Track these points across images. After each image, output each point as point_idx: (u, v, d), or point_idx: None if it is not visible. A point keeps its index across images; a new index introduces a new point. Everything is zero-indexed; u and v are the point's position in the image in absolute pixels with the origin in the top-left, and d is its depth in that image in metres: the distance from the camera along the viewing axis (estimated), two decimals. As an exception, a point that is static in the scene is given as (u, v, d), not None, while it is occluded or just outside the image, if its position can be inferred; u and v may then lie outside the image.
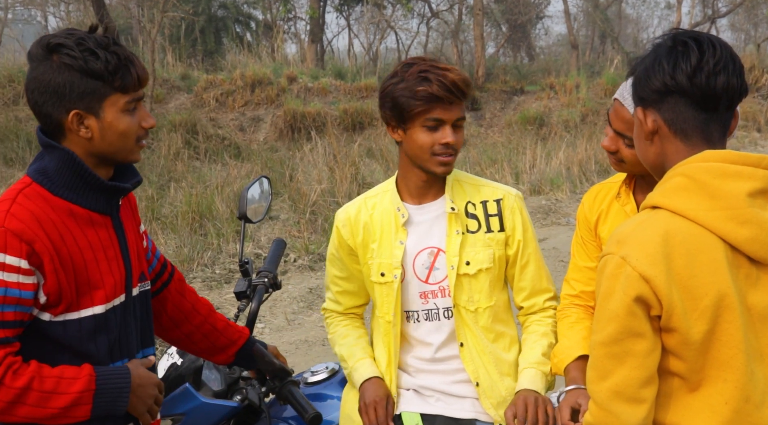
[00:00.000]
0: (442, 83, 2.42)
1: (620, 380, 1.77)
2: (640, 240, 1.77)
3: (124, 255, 2.19)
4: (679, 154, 1.86)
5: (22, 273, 1.95)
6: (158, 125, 15.02)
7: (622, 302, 1.75)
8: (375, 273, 2.62)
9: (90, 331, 2.08)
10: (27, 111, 15.66)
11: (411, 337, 2.64)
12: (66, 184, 2.06)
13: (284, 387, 2.57)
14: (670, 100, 1.84)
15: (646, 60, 1.89)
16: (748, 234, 1.75)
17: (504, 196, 2.64)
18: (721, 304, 1.75)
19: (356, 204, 2.71)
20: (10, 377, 1.93)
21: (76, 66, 2.00)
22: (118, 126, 2.07)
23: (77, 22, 22.67)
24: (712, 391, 1.79)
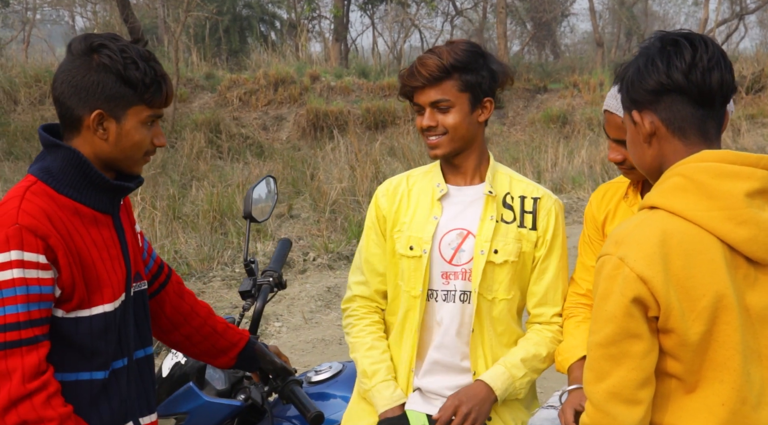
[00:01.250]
0: (411, 70, 2.52)
1: (617, 381, 1.76)
2: (638, 241, 1.75)
3: (125, 254, 2.21)
4: (677, 154, 1.84)
5: (41, 268, 1.96)
6: (182, 124, 15.13)
7: (620, 303, 1.73)
8: (404, 246, 2.60)
9: (100, 329, 2.10)
10: (53, 110, 15.60)
11: (425, 316, 2.62)
12: (71, 182, 2.07)
13: (287, 387, 2.57)
14: (666, 99, 1.82)
15: (636, 63, 1.87)
16: (746, 235, 1.74)
17: (543, 196, 2.64)
18: (718, 305, 1.73)
19: (398, 178, 2.75)
20: (42, 401, 1.93)
21: (113, 69, 2.04)
22: (134, 136, 2.11)
23: (104, 23, 22.85)
24: (709, 392, 1.77)
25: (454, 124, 2.51)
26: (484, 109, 2.56)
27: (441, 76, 2.48)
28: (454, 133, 2.52)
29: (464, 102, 2.51)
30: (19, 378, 1.92)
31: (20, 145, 13.58)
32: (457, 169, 2.63)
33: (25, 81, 16.57)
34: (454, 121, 2.51)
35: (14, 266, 1.94)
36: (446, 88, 2.49)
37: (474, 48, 2.54)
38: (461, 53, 2.49)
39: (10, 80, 16.51)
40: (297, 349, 6.32)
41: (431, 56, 2.49)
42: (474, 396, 2.46)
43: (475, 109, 2.54)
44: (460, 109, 2.51)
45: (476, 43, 2.59)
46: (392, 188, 2.71)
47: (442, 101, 2.50)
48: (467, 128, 2.53)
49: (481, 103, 2.55)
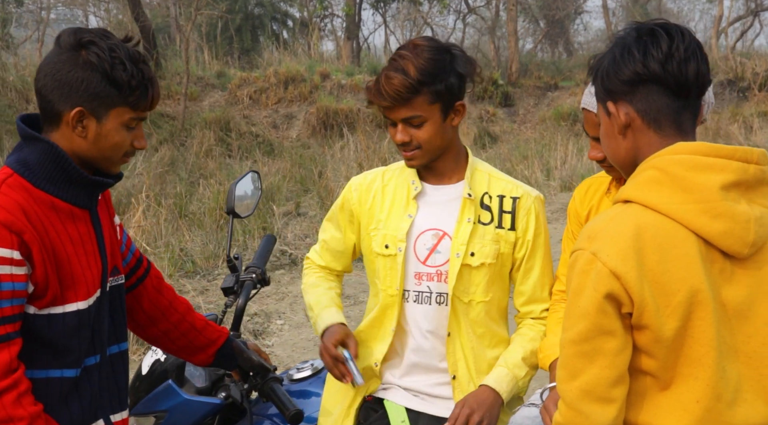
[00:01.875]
0: (378, 88, 2.42)
1: (590, 379, 1.72)
2: (611, 236, 1.72)
3: (101, 249, 2.18)
4: (652, 146, 1.80)
5: (15, 264, 1.93)
6: (191, 122, 15.15)
7: (593, 299, 1.70)
8: (379, 244, 2.58)
9: (74, 327, 2.07)
10: (64, 109, 15.88)
11: (401, 317, 2.60)
12: (48, 176, 2.04)
13: (266, 384, 2.54)
14: (642, 89, 1.79)
15: (611, 53, 1.83)
16: (721, 228, 1.70)
17: (522, 196, 2.58)
18: (693, 300, 1.70)
19: (373, 173, 2.70)
20: (12, 399, 1.91)
21: (100, 67, 2.00)
22: (114, 137, 2.07)
23: (116, 22, 22.94)
24: (684, 389, 1.74)
25: (428, 138, 2.44)
26: (457, 113, 2.49)
27: (409, 95, 2.38)
28: (429, 146, 2.46)
29: (436, 113, 2.43)
30: None
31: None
32: (434, 170, 2.59)
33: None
34: (428, 135, 2.44)
35: None
36: (416, 104, 2.40)
37: (439, 53, 2.43)
38: (426, 63, 2.39)
39: (23, 79, 16.56)
40: (299, 347, 6.31)
41: (396, 74, 2.38)
42: (483, 402, 2.43)
43: (447, 116, 2.46)
44: (433, 122, 2.43)
45: (438, 41, 2.49)
46: (366, 183, 2.67)
47: (414, 118, 2.41)
48: (442, 138, 2.47)
49: (453, 108, 2.47)
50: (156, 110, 15.65)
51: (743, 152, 1.75)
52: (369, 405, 2.62)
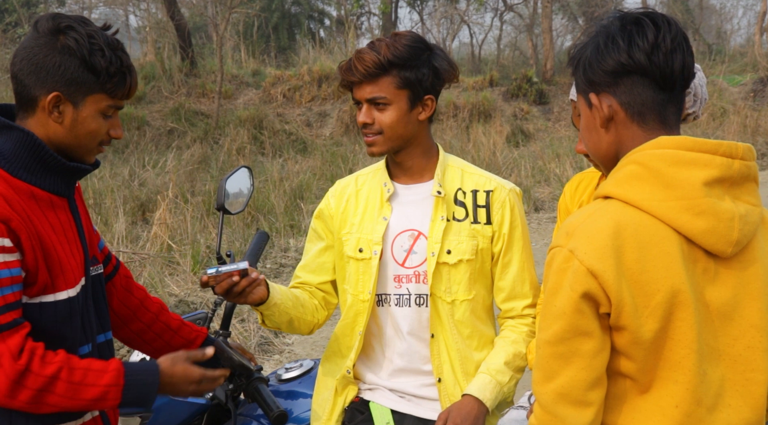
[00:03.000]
0: (349, 64, 2.44)
1: (566, 381, 1.66)
2: (589, 233, 1.65)
3: (81, 237, 2.17)
4: (635, 140, 1.73)
5: (6, 251, 1.93)
6: (225, 120, 15.22)
7: (569, 298, 1.63)
8: (353, 248, 2.54)
9: (66, 315, 2.07)
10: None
11: (380, 322, 2.56)
12: (24, 165, 2.03)
13: (251, 385, 2.50)
14: (626, 81, 1.71)
15: (594, 42, 1.75)
16: (704, 226, 1.63)
17: (495, 188, 2.53)
18: (674, 301, 1.63)
19: (348, 179, 2.68)
20: (38, 364, 1.94)
21: (78, 53, 1.99)
22: (90, 124, 2.06)
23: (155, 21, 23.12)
24: (663, 393, 1.67)
25: (390, 123, 2.42)
26: (425, 106, 2.46)
27: (377, 72, 2.39)
28: (391, 132, 2.43)
29: (402, 99, 2.41)
30: (9, 360, 1.91)
31: (67, 142, 13.79)
32: (402, 167, 2.55)
33: (75, 78, 16.82)
34: (390, 120, 2.41)
35: None
36: (383, 84, 2.40)
37: (417, 43, 2.43)
38: (402, 48, 2.39)
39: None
40: (319, 345, 6.28)
41: (369, 51, 2.40)
42: (468, 414, 2.37)
43: (414, 106, 2.43)
44: (397, 107, 2.41)
45: (421, 37, 2.48)
46: (340, 188, 2.65)
47: (379, 98, 2.41)
48: (405, 127, 2.43)
49: (422, 100, 2.44)
50: (191, 108, 15.77)
51: (727, 147, 1.67)
52: (355, 406, 2.58)
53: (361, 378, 2.61)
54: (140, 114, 15.31)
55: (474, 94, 17.56)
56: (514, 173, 12.20)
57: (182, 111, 15.52)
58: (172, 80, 16.82)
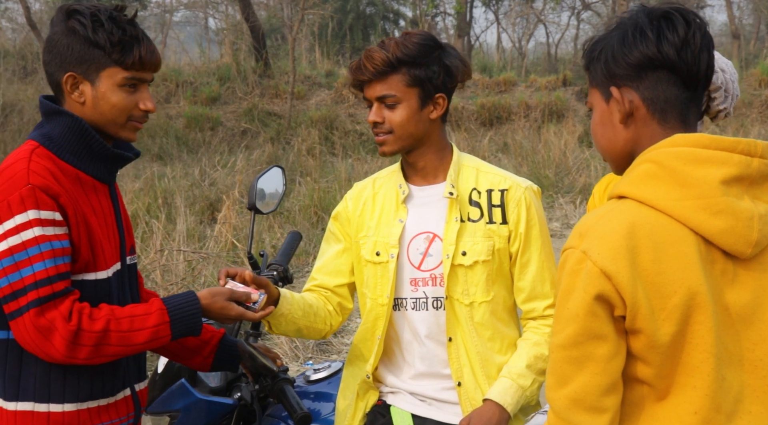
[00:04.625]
0: (359, 63, 2.42)
1: (580, 387, 1.60)
2: (603, 233, 1.59)
3: (119, 224, 2.27)
4: (654, 138, 1.67)
5: (57, 225, 2.05)
6: (297, 121, 15.36)
7: (582, 301, 1.58)
8: (370, 251, 2.51)
9: (103, 294, 2.16)
10: (178, 108, 16.41)
11: (398, 326, 2.52)
12: (71, 149, 2.14)
13: (276, 385, 2.49)
14: (651, 76, 1.65)
15: (620, 33, 1.68)
16: (722, 226, 1.57)
17: (510, 187, 2.47)
18: (691, 303, 1.57)
19: (366, 181, 2.65)
20: (87, 322, 2.03)
21: (81, 32, 2.10)
22: (111, 98, 2.13)
23: (233, 23, 23.48)
24: (681, 399, 1.61)
25: (401, 122, 2.38)
26: (437, 105, 2.42)
27: (386, 70, 2.36)
28: (401, 131, 2.39)
29: (412, 98, 2.38)
30: (61, 324, 2.01)
31: (144, 142, 14.10)
32: (415, 168, 2.51)
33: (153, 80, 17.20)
34: (400, 118, 2.38)
35: (34, 225, 2.01)
36: (393, 82, 2.38)
37: (428, 41, 2.40)
38: (411, 46, 2.37)
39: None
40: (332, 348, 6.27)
41: (378, 50, 2.38)
42: (489, 420, 2.33)
43: (425, 105, 2.40)
44: (407, 106, 2.38)
45: (432, 36, 2.44)
46: (357, 191, 2.62)
47: (388, 97, 2.38)
48: (416, 126, 2.40)
49: (433, 99, 2.41)
50: (263, 109, 15.98)
51: (746, 144, 1.60)
52: (377, 409, 2.56)
53: (383, 381, 2.58)
54: (215, 115, 15.58)
55: (546, 93, 17.34)
56: (584, 174, 12.00)
57: (255, 112, 15.73)
58: (247, 81, 17.06)
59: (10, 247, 2.01)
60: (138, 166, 12.08)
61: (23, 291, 2.00)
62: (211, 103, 16.38)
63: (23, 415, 2.12)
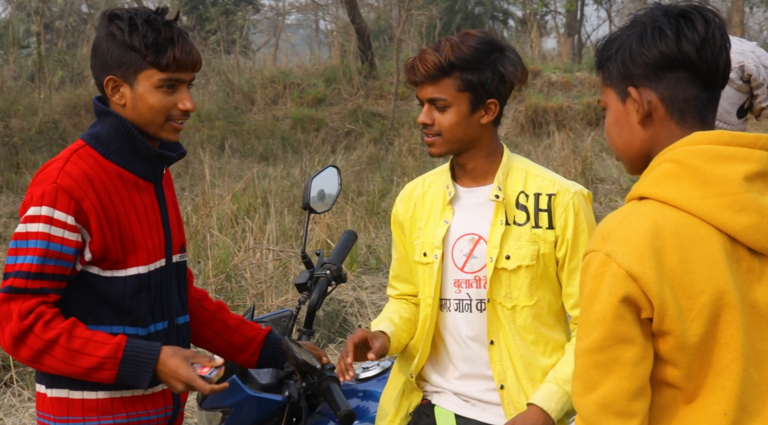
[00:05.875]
0: (412, 64, 2.41)
1: (608, 392, 1.58)
2: (626, 235, 1.58)
3: (164, 222, 2.34)
4: (672, 139, 1.64)
5: (68, 229, 2.12)
6: (401, 121, 15.41)
7: (609, 304, 1.56)
8: (418, 252, 2.53)
9: (133, 290, 2.24)
10: (285, 110, 16.71)
11: (443, 327, 2.53)
12: (116, 148, 2.23)
13: (323, 383, 2.51)
14: (670, 75, 1.62)
15: (637, 31, 1.64)
16: (747, 223, 1.55)
17: (558, 192, 2.42)
18: (719, 303, 1.55)
19: (416, 181, 2.66)
20: (41, 327, 2.10)
21: (119, 36, 2.18)
22: (148, 99, 2.20)
23: (342, 25, 23.77)
24: (710, 401, 1.58)
25: (449, 126, 2.38)
26: (488, 110, 2.40)
27: (438, 74, 2.35)
28: (450, 135, 2.39)
29: (463, 102, 2.37)
30: (15, 318, 2.09)
31: (251, 144, 14.41)
32: (465, 169, 2.50)
33: (262, 82, 17.59)
34: (449, 122, 2.38)
35: (42, 221, 2.12)
36: (444, 86, 2.37)
37: (484, 45, 2.37)
38: (466, 50, 2.34)
39: (249, 82, 17.61)
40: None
41: (432, 52, 2.37)
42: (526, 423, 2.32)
43: (476, 110, 2.39)
44: (457, 110, 2.37)
45: (491, 37, 2.41)
46: (407, 193, 2.63)
47: (439, 100, 2.38)
48: (465, 130, 2.39)
49: (485, 104, 2.39)
50: (368, 109, 16.09)
51: (767, 140, 1.58)
52: (422, 408, 2.57)
53: (428, 380, 2.59)
54: (320, 116, 15.79)
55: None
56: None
57: (359, 112, 15.85)
58: (352, 82, 17.23)
59: (19, 233, 2.14)
60: (242, 167, 12.37)
61: (7, 275, 2.13)
62: (317, 105, 16.61)
63: (59, 401, 2.23)
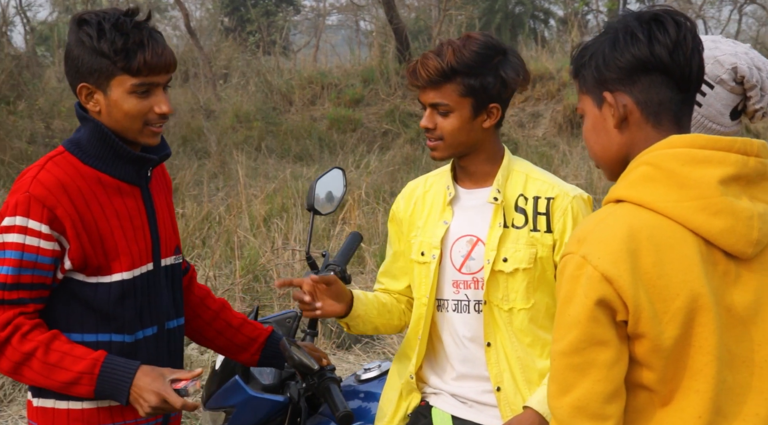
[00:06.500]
0: (414, 68, 2.39)
1: (582, 394, 1.58)
2: (602, 238, 1.58)
3: (152, 225, 2.29)
4: (648, 142, 1.65)
5: (44, 237, 2.09)
6: (437, 122, 15.37)
7: (584, 306, 1.57)
8: (416, 251, 2.52)
9: (118, 296, 2.20)
10: (322, 110, 16.78)
11: (440, 327, 2.53)
12: (96, 154, 2.18)
13: (322, 384, 2.52)
14: (644, 79, 1.64)
15: (610, 37, 1.67)
16: (722, 226, 1.56)
17: (557, 195, 2.42)
18: (694, 306, 1.55)
19: (418, 180, 2.66)
20: (18, 339, 2.09)
21: (87, 43, 2.11)
22: (123, 105, 2.14)
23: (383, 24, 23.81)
24: (684, 404, 1.59)
25: (452, 130, 2.37)
26: (490, 114, 2.39)
27: (440, 79, 2.33)
28: (452, 139, 2.38)
29: (465, 107, 2.36)
30: None
31: (289, 144, 14.49)
32: (467, 171, 2.49)
33: (300, 83, 17.67)
34: (451, 127, 2.37)
35: (16, 231, 2.09)
36: (446, 91, 2.35)
37: (486, 49, 2.35)
38: (468, 55, 2.32)
39: (287, 83, 17.71)
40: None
41: (434, 56, 2.35)
42: None
43: (478, 114, 2.37)
44: (459, 115, 2.36)
45: (493, 40, 2.39)
46: (409, 191, 2.63)
47: (441, 105, 2.36)
48: (467, 135, 2.38)
49: (487, 108, 2.38)
50: (405, 110, 16.09)
51: (742, 143, 1.59)
52: (420, 410, 2.56)
53: (426, 381, 2.59)
54: (357, 116, 15.83)
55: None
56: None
57: (396, 113, 15.86)
58: (389, 83, 17.24)
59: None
60: (278, 167, 12.44)
61: None
62: (355, 105, 16.65)
63: (44, 411, 2.22)
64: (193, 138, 14.35)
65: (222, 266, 7.39)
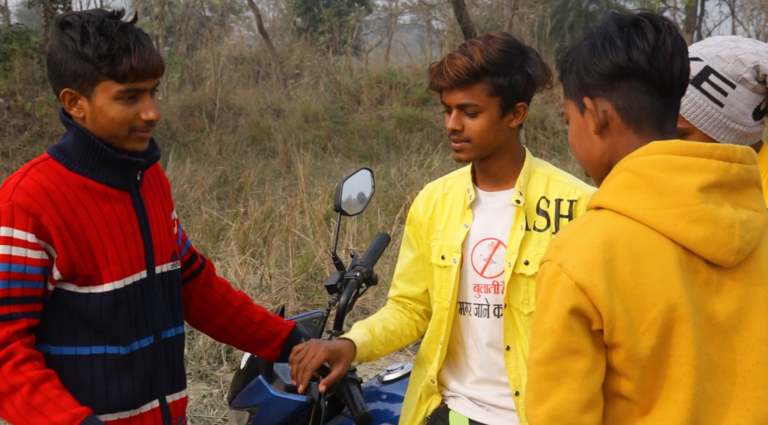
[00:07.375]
0: (439, 68, 2.36)
1: (557, 403, 1.57)
2: (579, 246, 1.57)
3: (144, 231, 2.20)
4: (630, 148, 1.63)
5: (30, 247, 2.00)
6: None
7: (558, 315, 1.56)
8: (436, 255, 2.50)
9: (110, 306, 2.11)
10: (390, 110, 16.81)
11: (461, 331, 2.52)
12: (82, 159, 2.09)
13: (342, 385, 2.52)
14: (623, 85, 1.62)
15: (590, 42, 1.66)
16: (702, 234, 1.53)
17: (580, 198, 2.39)
18: (671, 315, 1.53)
19: (437, 182, 2.64)
20: (9, 369, 1.97)
21: (71, 48, 2.01)
22: (108, 112, 2.05)
23: (453, 24, 23.74)
24: (663, 415, 1.57)
25: (480, 131, 2.33)
26: (517, 114, 2.37)
27: (469, 79, 2.30)
28: (480, 140, 2.35)
29: (494, 107, 2.33)
30: None
31: (355, 144, 14.57)
32: (488, 173, 2.46)
33: (369, 82, 17.75)
34: (480, 128, 2.33)
35: (1, 242, 1.99)
36: (475, 91, 2.31)
37: (511, 48, 2.33)
38: (495, 53, 2.30)
39: (356, 82, 17.81)
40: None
41: (461, 56, 2.31)
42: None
43: (506, 114, 2.35)
44: (488, 115, 2.33)
45: (515, 40, 2.37)
46: (428, 193, 2.60)
47: (470, 106, 2.32)
48: (495, 135, 2.35)
49: (514, 107, 2.36)
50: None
51: (724, 150, 1.56)
52: (438, 413, 2.56)
53: (446, 385, 2.59)
54: (424, 116, 15.83)
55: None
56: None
57: (464, 112, 15.79)
58: (457, 82, 17.16)
59: None
60: (344, 167, 12.53)
61: None
62: (422, 104, 16.64)
63: None
64: (261, 137, 14.53)
65: (282, 265, 7.47)
